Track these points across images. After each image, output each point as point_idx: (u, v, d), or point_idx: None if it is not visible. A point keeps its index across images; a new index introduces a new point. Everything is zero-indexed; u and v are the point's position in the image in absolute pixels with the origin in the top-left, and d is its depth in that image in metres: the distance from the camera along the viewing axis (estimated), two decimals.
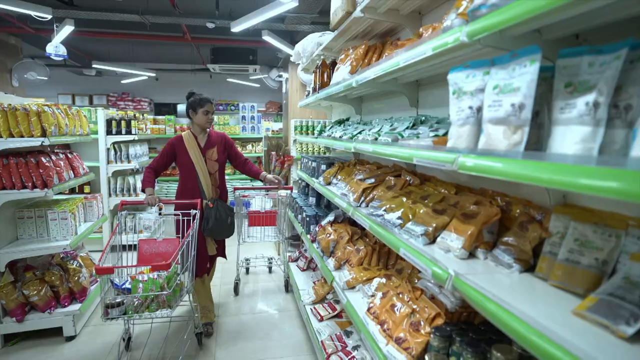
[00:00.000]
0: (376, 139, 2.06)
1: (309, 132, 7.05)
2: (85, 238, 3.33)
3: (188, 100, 3.07)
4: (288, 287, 4.04)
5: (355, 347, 2.36)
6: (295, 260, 4.09)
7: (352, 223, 3.04)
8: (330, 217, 3.00)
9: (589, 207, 1.20)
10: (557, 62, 1.02)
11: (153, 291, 2.40)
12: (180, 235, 2.90)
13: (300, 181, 4.40)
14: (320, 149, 7.17)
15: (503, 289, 1.10)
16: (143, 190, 2.97)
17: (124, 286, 2.57)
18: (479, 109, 1.19)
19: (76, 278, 3.12)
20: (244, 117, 7.79)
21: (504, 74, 1.10)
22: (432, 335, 1.43)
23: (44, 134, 2.86)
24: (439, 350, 1.41)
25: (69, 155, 3.42)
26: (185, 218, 2.87)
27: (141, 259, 2.66)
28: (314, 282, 3.41)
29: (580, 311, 0.94)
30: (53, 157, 3.07)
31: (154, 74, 9.21)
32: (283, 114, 8.63)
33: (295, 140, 7.33)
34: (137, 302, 2.43)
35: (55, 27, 5.11)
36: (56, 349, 2.91)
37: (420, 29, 1.89)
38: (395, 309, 1.63)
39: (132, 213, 5.33)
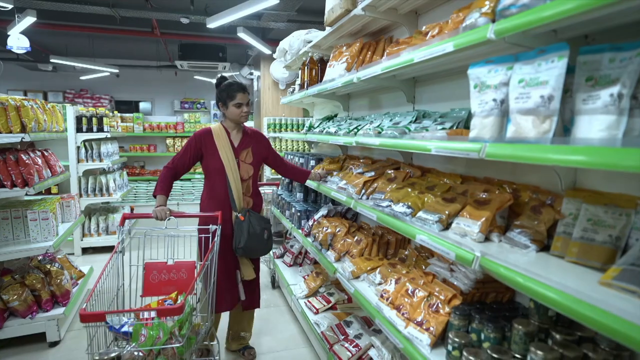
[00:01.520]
0: (380, 132, 2.13)
1: (286, 129, 7.07)
2: (66, 239, 3.18)
3: (217, 89, 2.56)
4: (274, 283, 4.05)
5: (357, 336, 2.43)
6: (281, 256, 4.10)
7: (344, 217, 3.12)
8: (323, 212, 3.05)
9: (598, 190, 1.33)
10: (578, 58, 1.13)
11: (160, 339, 1.77)
12: (197, 258, 2.40)
13: (283, 178, 4.41)
14: (294, 145, 7.19)
15: (527, 266, 1.20)
16: (154, 196, 2.40)
17: (122, 329, 1.90)
18: (503, 101, 1.28)
19: (58, 281, 2.98)
20: (215, 115, 7.67)
21: (529, 69, 1.20)
22: (452, 315, 1.53)
23: (23, 129, 2.72)
24: (459, 328, 1.50)
25: (45, 153, 3.26)
26: (203, 235, 2.33)
27: (147, 289, 2.19)
28: (304, 277, 3.45)
29: (606, 280, 1.05)
30: (31, 155, 2.92)
31: (116, 70, 8.84)
32: (254, 111, 8.57)
33: (268, 139, 7.31)
34: (138, 354, 1.80)
35: (16, 18, 4.81)
36: (40, 356, 2.77)
37: (423, 28, 1.98)
38: (412, 293, 1.71)
39: (105, 214, 5.14)
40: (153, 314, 1.86)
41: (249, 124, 8.23)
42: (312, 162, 3.36)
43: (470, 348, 1.38)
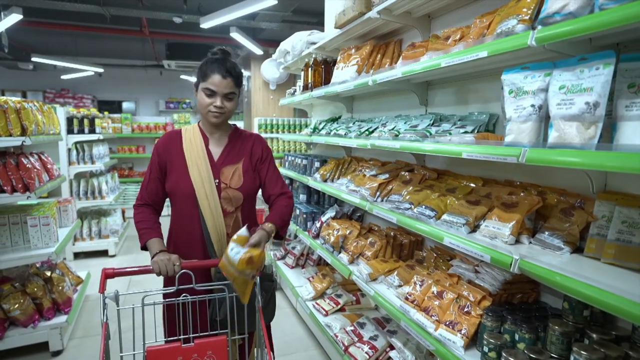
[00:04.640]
0: (397, 135, 2.14)
1: (277, 130, 7.03)
2: (66, 245, 3.09)
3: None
4: (276, 285, 4.02)
5: (372, 338, 2.43)
6: (282, 258, 4.08)
7: (350, 218, 3.12)
8: (331, 214, 3.04)
9: (630, 193, 1.37)
10: (619, 66, 1.16)
11: None
12: (227, 330, 1.54)
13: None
14: (286, 146, 7.16)
15: (568, 268, 1.23)
16: (143, 247, 1.63)
17: None
18: (541, 107, 1.31)
19: (60, 288, 2.89)
20: None
21: (569, 76, 1.23)
22: (484, 316, 1.55)
23: (23, 132, 2.62)
24: (492, 329, 1.52)
25: (42, 157, 3.15)
26: (234, 294, 1.52)
27: None
28: (309, 279, 3.44)
29: None
30: (31, 159, 2.82)
31: (101, 70, 8.62)
32: (244, 112, 8.48)
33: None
34: None
35: (2, 14, 4.64)
36: None
37: (441, 32, 2.00)
38: (440, 295, 1.73)
39: (97, 217, 5.01)
40: None
41: (233, 123, 8.15)
42: (317, 164, 3.35)
43: (508, 349, 1.41)
